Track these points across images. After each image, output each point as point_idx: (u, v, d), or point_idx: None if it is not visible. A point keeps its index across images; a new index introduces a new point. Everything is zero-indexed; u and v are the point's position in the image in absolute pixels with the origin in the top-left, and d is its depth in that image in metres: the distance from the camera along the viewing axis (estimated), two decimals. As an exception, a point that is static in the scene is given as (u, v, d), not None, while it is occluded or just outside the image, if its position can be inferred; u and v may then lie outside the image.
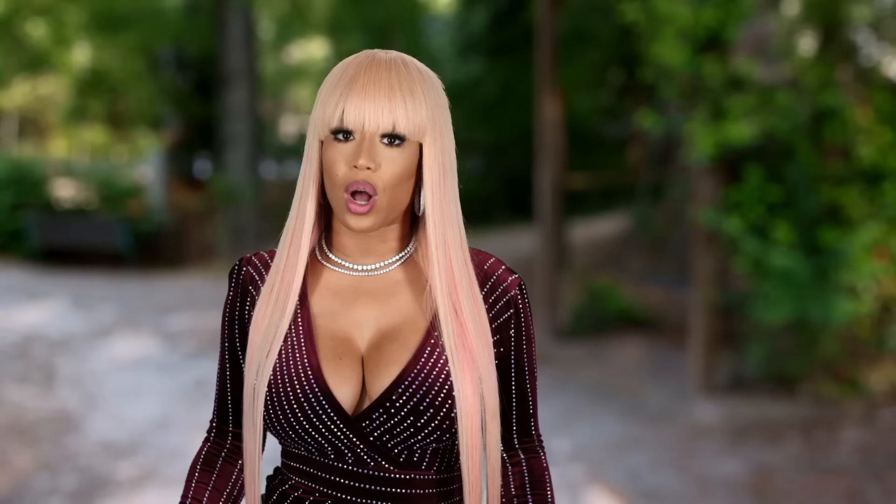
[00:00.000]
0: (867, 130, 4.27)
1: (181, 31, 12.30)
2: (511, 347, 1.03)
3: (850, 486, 3.33)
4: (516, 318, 1.03)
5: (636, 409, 4.35)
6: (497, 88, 9.26)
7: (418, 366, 0.98)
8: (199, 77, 13.08)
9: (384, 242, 1.01)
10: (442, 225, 0.98)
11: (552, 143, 5.81)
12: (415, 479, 1.00)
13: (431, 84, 0.99)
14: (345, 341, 1.00)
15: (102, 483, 3.40)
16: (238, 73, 10.70)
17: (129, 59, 12.74)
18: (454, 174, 1.01)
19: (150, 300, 7.47)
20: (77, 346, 5.73)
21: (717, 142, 4.21)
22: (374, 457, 0.99)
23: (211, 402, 4.51)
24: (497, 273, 1.03)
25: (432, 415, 0.97)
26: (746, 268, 4.31)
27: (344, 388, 0.99)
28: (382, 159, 0.96)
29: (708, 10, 4.23)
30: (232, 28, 10.68)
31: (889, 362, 4.36)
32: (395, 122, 0.95)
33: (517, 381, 1.04)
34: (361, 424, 0.98)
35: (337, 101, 0.96)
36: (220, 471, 1.07)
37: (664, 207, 7.17)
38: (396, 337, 1.00)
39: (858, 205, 4.20)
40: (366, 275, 1.02)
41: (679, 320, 5.48)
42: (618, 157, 10.08)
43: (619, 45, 8.13)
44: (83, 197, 10.65)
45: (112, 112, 14.10)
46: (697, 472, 3.52)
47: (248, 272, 1.05)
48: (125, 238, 9.65)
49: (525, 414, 1.06)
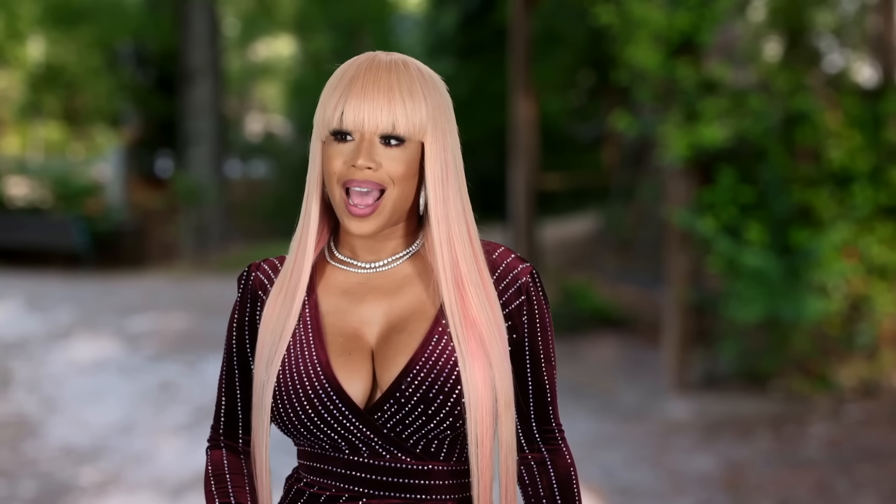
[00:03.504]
0: (837, 134, 4.38)
1: (141, 27, 12.08)
2: (525, 335, 1.03)
3: (820, 480, 3.41)
4: (528, 305, 1.03)
5: (610, 407, 4.40)
6: (467, 89, 9.28)
7: (426, 354, 0.98)
8: (160, 73, 12.85)
9: (390, 241, 1.02)
10: (446, 221, 0.99)
11: (526, 144, 5.84)
12: (432, 469, 0.99)
13: (433, 84, 0.99)
14: (354, 337, 1.00)
15: (64, 489, 3.32)
16: (202, 69, 10.54)
17: (87, 53, 12.47)
18: (459, 171, 1.01)
19: (110, 301, 7.31)
20: (33, 348, 5.58)
21: (691, 144, 4.28)
22: (389, 449, 0.99)
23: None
24: (506, 261, 1.03)
25: (442, 401, 0.97)
26: (719, 267, 4.39)
27: (354, 382, 0.98)
28: (383, 159, 0.96)
29: (681, 15, 4.30)
30: (195, 24, 10.51)
31: (858, 359, 4.48)
32: (395, 122, 0.96)
33: (532, 368, 1.04)
34: (373, 417, 0.98)
35: (336, 103, 0.96)
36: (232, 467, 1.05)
37: (634, 208, 7.26)
38: (404, 328, 1.00)
39: (828, 206, 4.31)
40: (374, 271, 1.02)
41: (653, 319, 5.56)
42: (588, 158, 10.19)
43: (589, 47, 8.22)
44: (37, 195, 10.39)
45: (68, 108, 13.77)
46: (671, 469, 3.57)
47: (257, 277, 1.05)
48: (82, 238, 9.43)
49: (542, 402, 1.05)
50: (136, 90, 12.68)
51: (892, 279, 4.37)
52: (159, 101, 12.38)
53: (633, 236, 7.12)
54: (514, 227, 5.98)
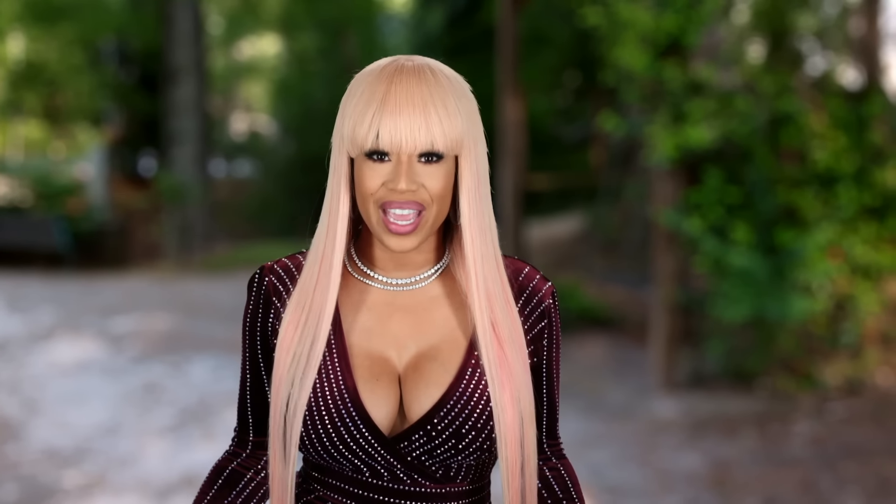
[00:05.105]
0: (822, 135, 4.43)
1: (124, 24, 11.98)
2: (543, 356, 1.03)
3: (804, 477, 3.44)
4: (549, 328, 1.02)
5: (598, 407, 4.42)
6: (453, 89, 9.23)
7: (460, 388, 0.96)
8: (143, 71, 12.75)
9: (420, 255, 0.99)
10: (481, 237, 0.96)
11: (513, 144, 5.85)
12: (450, 491, 0.99)
13: (462, 91, 0.95)
14: (381, 360, 0.97)
15: (47, 492, 3.28)
16: (186, 68, 10.46)
17: (68, 51, 12.34)
18: (487, 181, 0.98)
19: (92, 302, 7.23)
20: (14, 350, 5.51)
21: (678, 145, 4.31)
22: (411, 475, 0.98)
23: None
24: (532, 284, 1.02)
25: (474, 437, 0.96)
26: (706, 267, 4.43)
27: (381, 409, 0.96)
28: (423, 178, 0.93)
29: (668, 17, 4.32)
30: (179, 22, 10.44)
31: (842, 357, 4.54)
32: (433, 140, 0.92)
33: (547, 388, 1.05)
34: (399, 446, 0.96)
35: (371, 122, 0.91)
36: (227, 479, 1.04)
37: (619, 208, 7.30)
38: (436, 357, 0.97)
39: (813, 206, 4.35)
40: (401, 290, 0.99)
41: (640, 319, 5.59)
42: (574, 158, 10.23)
43: (575, 48, 8.25)
44: (18, 195, 10.27)
45: (49, 106, 13.63)
46: (658, 467, 3.59)
47: (270, 282, 1.01)
48: (63, 238, 9.33)
49: (553, 419, 1.07)
50: (118, 88, 12.57)
51: (875, 279, 4.43)
52: (142, 100, 12.28)
53: (620, 236, 7.15)
54: (502, 228, 5.97)
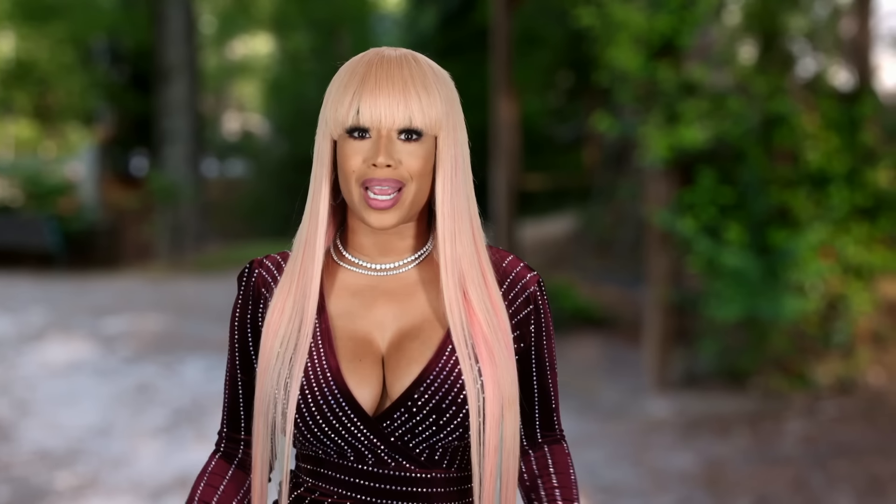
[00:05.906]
0: (814, 136, 4.46)
1: (116, 23, 11.93)
2: (531, 343, 1.04)
3: (796, 476, 3.46)
4: (536, 314, 1.03)
5: (592, 406, 4.43)
6: (447, 89, 9.24)
7: (440, 364, 0.97)
8: (134, 70, 12.70)
9: (402, 240, 1.00)
10: (452, 217, 0.98)
11: (507, 144, 5.86)
12: (436, 477, 0.99)
13: (443, 79, 0.99)
14: (364, 342, 0.99)
15: (39, 493, 3.26)
16: (178, 67, 10.42)
17: (59, 49, 12.28)
18: (467, 168, 1.00)
19: (83, 302, 7.19)
20: (4, 350, 5.48)
21: (671, 145, 4.33)
22: (394, 457, 0.98)
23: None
24: (515, 270, 1.03)
25: (455, 412, 0.96)
26: (699, 267, 4.44)
27: (364, 389, 0.97)
28: (402, 155, 0.95)
29: (662, 17, 4.34)
30: (171, 21, 10.40)
31: (834, 357, 4.57)
32: (412, 116, 0.95)
33: (538, 376, 1.05)
34: (382, 425, 0.97)
35: (350, 100, 0.95)
36: (232, 476, 1.04)
37: (613, 208, 7.32)
38: (417, 335, 0.99)
39: (806, 207, 4.38)
40: (384, 275, 1.01)
41: (633, 319, 5.60)
42: (567, 158, 10.25)
43: (568, 48, 8.27)
44: (8, 194, 10.21)
45: (40, 105, 13.55)
46: (652, 466, 3.61)
47: (260, 275, 1.03)
48: (54, 237, 9.29)
49: (547, 409, 1.06)
50: (110, 87, 12.52)
51: (868, 279, 4.46)
52: (134, 99, 12.23)
53: (613, 236, 7.17)
54: (495, 227, 5.99)
